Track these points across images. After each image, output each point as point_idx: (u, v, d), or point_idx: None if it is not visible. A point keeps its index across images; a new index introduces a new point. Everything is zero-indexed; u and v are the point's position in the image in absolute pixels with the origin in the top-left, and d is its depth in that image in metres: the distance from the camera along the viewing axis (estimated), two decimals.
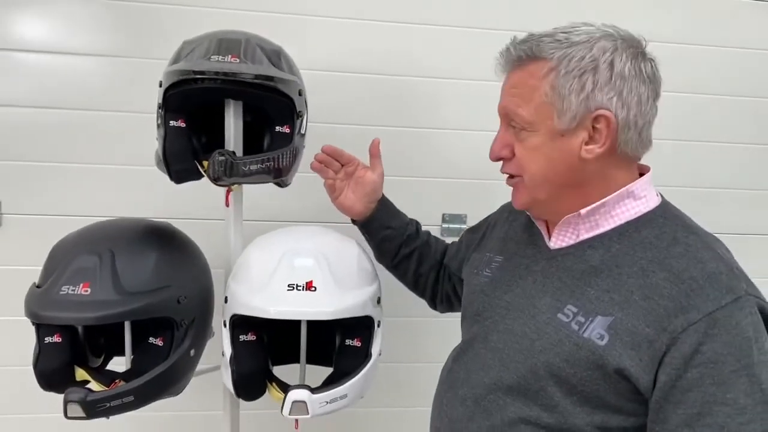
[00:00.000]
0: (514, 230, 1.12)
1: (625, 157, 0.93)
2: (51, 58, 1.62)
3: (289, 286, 1.07)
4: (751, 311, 0.83)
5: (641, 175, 0.97)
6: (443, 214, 1.85)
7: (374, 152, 1.31)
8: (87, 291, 1.03)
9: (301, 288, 1.07)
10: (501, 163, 1.02)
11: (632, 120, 0.90)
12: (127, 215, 1.60)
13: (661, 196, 0.99)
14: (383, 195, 1.33)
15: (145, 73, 1.62)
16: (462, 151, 1.83)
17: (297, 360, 1.28)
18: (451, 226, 1.85)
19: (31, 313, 1.04)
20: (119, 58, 1.65)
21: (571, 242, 0.97)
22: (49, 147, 1.65)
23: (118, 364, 1.28)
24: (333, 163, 1.30)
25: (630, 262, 0.90)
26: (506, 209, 1.20)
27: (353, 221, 1.35)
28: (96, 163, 1.68)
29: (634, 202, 0.95)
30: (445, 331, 1.32)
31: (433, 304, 1.39)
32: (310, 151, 1.32)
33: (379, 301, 1.19)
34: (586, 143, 0.91)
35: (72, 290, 1.03)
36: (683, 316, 0.82)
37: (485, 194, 1.84)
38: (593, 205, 0.94)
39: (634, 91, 0.89)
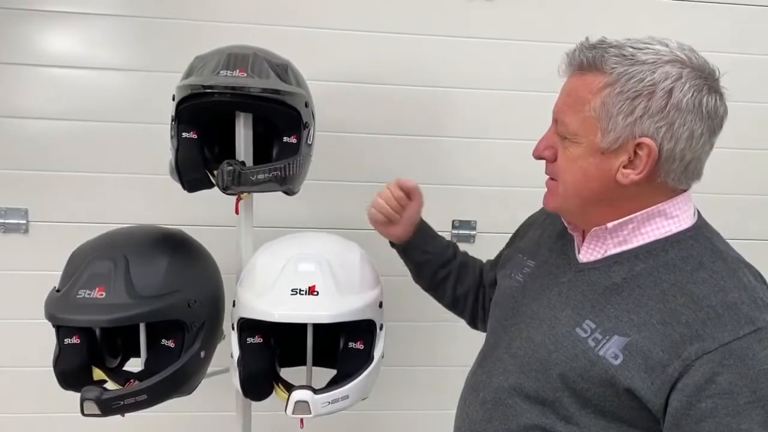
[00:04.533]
0: (549, 235, 1.10)
1: (664, 187, 0.90)
2: (75, 73, 1.70)
3: (292, 290, 1.12)
4: None
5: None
6: (453, 221, 1.89)
7: (412, 184, 1.25)
8: (102, 295, 1.09)
9: (303, 292, 1.12)
10: (540, 164, 1.01)
11: (678, 153, 0.86)
12: (144, 222, 1.67)
13: (698, 215, 0.96)
14: (421, 218, 1.30)
15: (163, 86, 1.66)
16: (472, 158, 1.86)
17: (304, 362, 1.32)
18: (461, 232, 1.89)
19: (49, 316, 1.10)
20: (138, 72, 1.72)
21: (599, 257, 0.96)
22: (73, 157, 1.72)
23: (135, 365, 1.34)
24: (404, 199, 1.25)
25: (652, 283, 0.89)
26: (545, 211, 1.13)
27: (392, 244, 1.32)
28: (117, 173, 1.75)
29: (665, 221, 0.92)
30: (464, 335, 1.36)
31: (474, 324, 1.35)
32: (318, 159, 1.37)
33: (381, 305, 1.23)
34: (625, 166, 0.88)
35: (88, 294, 1.09)
36: (698, 344, 0.81)
37: (495, 201, 1.88)
38: (620, 220, 0.92)
39: (687, 125, 0.85)
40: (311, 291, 1.12)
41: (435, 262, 1.30)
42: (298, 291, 1.12)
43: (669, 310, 0.85)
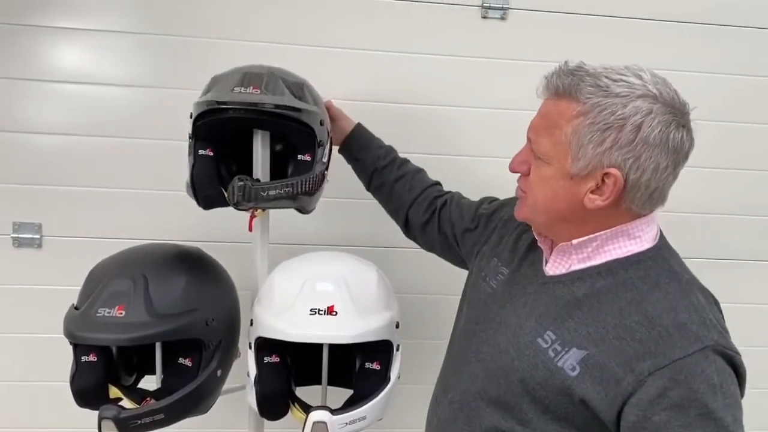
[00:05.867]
0: (522, 244, 1.13)
1: (628, 211, 0.95)
2: (89, 89, 1.70)
3: (311, 310, 1.12)
4: (716, 359, 0.86)
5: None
6: None
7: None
8: (122, 313, 1.09)
9: (322, 312, 1.12)
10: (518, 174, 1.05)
11: (644, 183, 0.90)
12: (159, 238, 1.67)
13: (661, 236, 1.00)
14: (357, 127, 1.45)
15: (178, 102, 1.69)
16: (482, 177, 1.86)
17: (319, 382, 1.32)
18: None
19: (69, 334, 1.11)
20: (153, 89, 1.72)
21: (564, 271, 1.00)
22: (87, 172, 1.73)
23: (149, 381, 1.35)
24: None
25: (611, 300, 0.93)
26: None
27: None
28: (130, 188, 1.75)
29: (627, 241, 0.96)
30: None
31: (406, 233, 1.45)
32: (333, 176, 1.38)
33: (397, 326, 1.23)
34: (592, 192, 0.92)
35: (108, 312, 1.09)
36: (651, 360, 0.86)
37: None
38: (585, 238, 0.96)
39: (654, 158, 0.88)
40: (330, 311, 1.12)
41: (368, 170, 1.42)
42: (317, 311, 1.12)
43: (625, 327, 0.90)
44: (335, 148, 1.45)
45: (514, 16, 1.79)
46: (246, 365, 1.32)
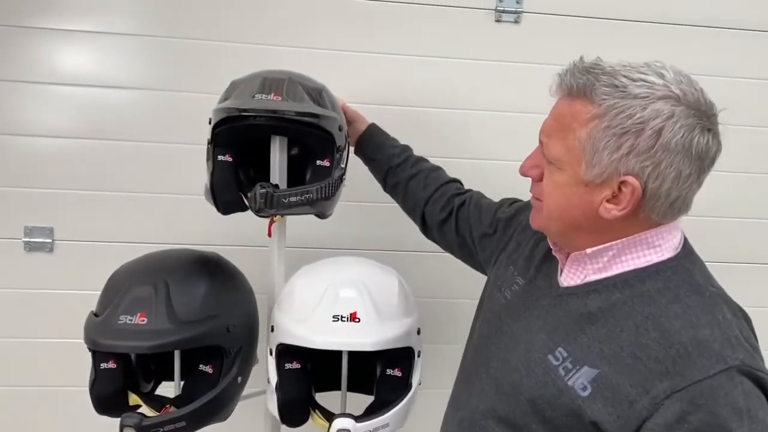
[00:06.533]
0: (538, 253, 1.07)
1: (648, 221, 0.88)
2: (101, 92, 1.69)
3: (333, 317, 1.12)
4: (742, 381, 0.78)
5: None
6: None
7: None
8: (144, 321, 1.09)
9: (345, 319, 1.11)
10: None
11: (664, 192, 0.83)
12: (172, 242, 1.67)
13: (685, 244, 0.93)
14: (371, 127, 1.45)
15: (188, 105, 1.70)
16: (496, 181, 1.85)
17: (337, 387, 1.31)
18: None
19: (90, 341, 1.10)
20: (166, 92, 1.71)
21: (579, 282, 0.94)
22: (99, 176, 1.72)
23: (166, 387, 1.34)
24: None
25: (626, 314, 0.86)
26: None
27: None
28: (143, 192, 1.74)
29: (646, 250, 0.89)
30: None
31: (424, 233, 1.42)
32: (348, 180, 1.37)
33: (419, 332, 1.23)
34: (608, 200, 0.86)
35: (129, 320, 1.09)
36: (668, 381, 0.79)
37: None
38: (600, 246, 0.90)
39: (675, 165, 0.82)
40: (353, 318, 1.12)
41: (382, 169, 1.42)
42: (339, 318, 1.12)
43: (640, 344, 0.83)
44: (351, 149, 1.45)
45: (528, 20, 1.79)
46: (262, 371, 1.32)
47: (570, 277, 0.95)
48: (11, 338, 1.76)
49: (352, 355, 1.27)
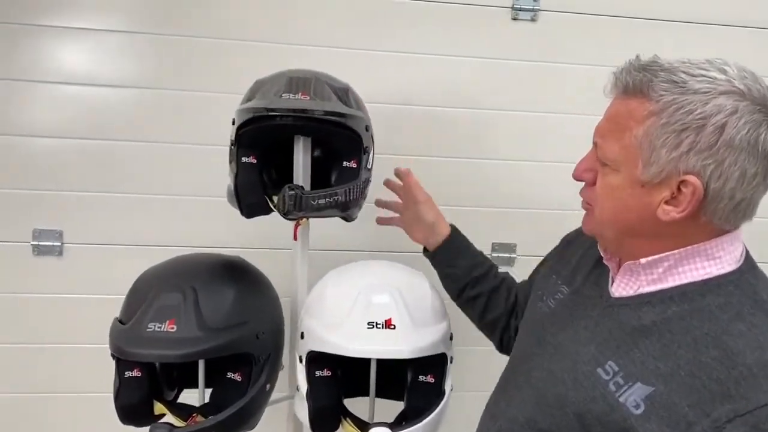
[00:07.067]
0: (586, 261, 1.04)
1: (709, 226, 0.83)
2: (109, 91, 1.65)
3: (368, 323, 1.09)
4: None
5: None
6: (493, 243, 1.87)
7: (407, 182, 1.36)
8: (173, 328, 1.05)
9: (380, 326, 1.08)
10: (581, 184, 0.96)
11: (727, 192, 0.79)
12: (185, 244, 1.65)
13: (747, 257, 0.88)
14: (453, 231, 1.33)
15: (199, 105, 1.67)
16: (512, 180, 1.84)
17: (365, 393, 1.29)
18: (501, 255, 1.87)
19: (118, 350, 1.06)
20: (174, 91, 1.68)
21: (631, 293, 0.89)
22: (109, 178, 1.68)
23: (187, 394, 1.31)
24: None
25: (684, 330, 0.82)
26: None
27: (424, 251, 1.36)
28: (154, 194, 1.70)
29: (705, 262, 0.84)
30: None
31: (502, 350, 1.31)
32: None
33: (451, 337, 1.20)
34: (666, 202, 0.82)
35: (158, 327, 1.05)
36: (730, 405, 0.74)
37: (535, 224, 1.86)
38: (656, 256, 0.85)
39: (739, 164, 0.77)
40: (388, 324, 1.09)
41: (461, 279, 1.29)
42: (374, 324, 1.09)
43: (699, 363, 0.78)
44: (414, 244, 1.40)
45: (545, 18, 1.78)
46: (284, 376, 1.29)
47: (622, 287, 0.91)
48: (19, 344, 1.72)
49: (383, 361, 1.24)
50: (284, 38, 1.69)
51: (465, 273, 1.30)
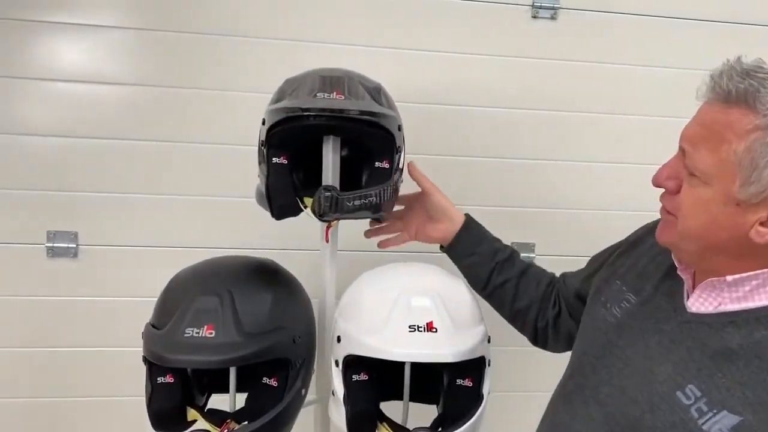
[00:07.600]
0: (655, 269, 0.98)
1: None
2: (126, 90, 1.64)
3: (410, 327, 1.06)
4: None
5: None
6: (512, 243, 1.85)
7: (413, 175, 1.32)
8: (211, 333, 1.03)
9: (422, 329, 1.06)
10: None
11: None
12: (203, 245, 1.63)
13: None
14: (468, 218, 1.29)
15: (215, 104, 1.64)
16: (531, 180, 1.83)
17: (397, 397, 1.27)
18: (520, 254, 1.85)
19: (155, 356, 1.03)
20: (185, 89, 1.65)
21: (711, 309, 0.85)
22: (125, 179, 1.66)
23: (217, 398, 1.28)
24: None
25: None
26: (652, 232, 0.98)
27: (441, 248, 1.33)
28: (170, 194, 1.68)
29: None
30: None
31: (536, 342, 1.29)
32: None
33: (489, 340, 1.19)
34: (762, 223, 0.77)
35: (196, 332, 1.02)
36: None
37: (554, 223, 1.85)
38: (744, 275, 0.81)
39: None
40: (429, 328, 1.07)
41: (486, 265, 1.25)
42: (416, 328, 1.06)
43: None
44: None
45: (565, 16, 1.77)
46: (313, 380, 1.27)
47: (700, 302, 0.86)
48: (33, 347, 1.68)
49: (420, 364, 1.22)
50: (292, 36, 1.67)
51: (488, 259, 1.26)
